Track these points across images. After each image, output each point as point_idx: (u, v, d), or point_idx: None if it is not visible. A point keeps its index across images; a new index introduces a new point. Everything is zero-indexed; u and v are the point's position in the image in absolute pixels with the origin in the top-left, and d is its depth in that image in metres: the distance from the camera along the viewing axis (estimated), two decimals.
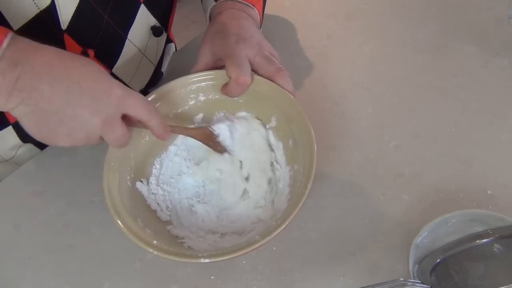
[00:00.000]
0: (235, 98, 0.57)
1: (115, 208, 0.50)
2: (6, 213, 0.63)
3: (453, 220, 0.53)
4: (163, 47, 0.77)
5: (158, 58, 0.76)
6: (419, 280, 0.49)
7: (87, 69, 0.44)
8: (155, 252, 0.47)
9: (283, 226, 0.47)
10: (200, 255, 0.46)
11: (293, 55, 0.76)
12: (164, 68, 0.82)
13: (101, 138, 0.46)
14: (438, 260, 0.50)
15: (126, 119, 0.47)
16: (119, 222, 0.48)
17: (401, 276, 0.51)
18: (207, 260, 0.45)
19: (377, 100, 0.70)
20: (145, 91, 0.75)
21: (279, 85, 0.55)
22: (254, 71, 0.56)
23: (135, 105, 0.46)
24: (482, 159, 0.62)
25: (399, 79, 0.72)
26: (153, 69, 0.75)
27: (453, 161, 0.62)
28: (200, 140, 0.57)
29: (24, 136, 0.66)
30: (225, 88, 0.56)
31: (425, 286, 0.48)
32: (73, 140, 0.45)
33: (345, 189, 0.61)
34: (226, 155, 0.59)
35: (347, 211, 0.59)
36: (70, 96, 0.42)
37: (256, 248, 0.46)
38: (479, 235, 0.50)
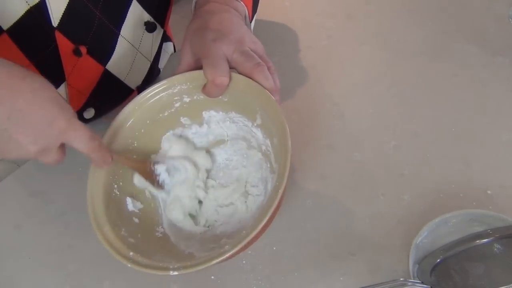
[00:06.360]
0: (220, 97, 0.56)
1: (96, 218, 0.50)
2: (6, 213, 0.63)
3: (453, 220, 0.53)
4: (158, 43, 0.76)
5: (154, 54, 0.75)
6: (419, 280, 0.49)
7: (37, 95, 0.42)
8: (129, 265, 0.47)
9: (253, 234, 0.45)
10: (171, 266, 0.46)
11: (293, 55, 0.76)
12: (162, 66, 0.82)
13: None
14: (438, 260, 0.50)
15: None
16: (98, 233, 0.49)
17: (401, 276, 0.51)
18: (176, 273, 0.46)
19: (377, 100, 0.70)
20: (142, 88, 0.75)
21: (257, 81, 0.53)
22: (233, 68, 0.55)
23: (75, 139, 0.45)
24: (482, 159, 0.62)
25: (399, 79, 0.72)
26: (149, 66, 0.75)
27: (453, 161, 0.62)
28: (139, 173, 0.56)
29: None
30: (204, 89, 0.55)
31: (425, 286, 0.48)
32: (5, 156, 0.44)
33: (345, 189, 0.61)
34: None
35: (347, 211, 0.59)
36: (9, 121, 0.41)
37: (227, 258, 0.45)
38: (479, 235, 0.50)
